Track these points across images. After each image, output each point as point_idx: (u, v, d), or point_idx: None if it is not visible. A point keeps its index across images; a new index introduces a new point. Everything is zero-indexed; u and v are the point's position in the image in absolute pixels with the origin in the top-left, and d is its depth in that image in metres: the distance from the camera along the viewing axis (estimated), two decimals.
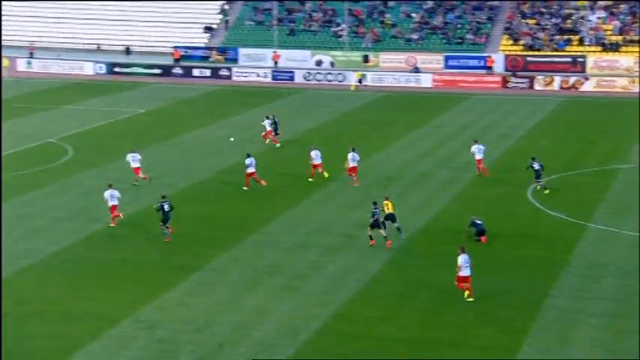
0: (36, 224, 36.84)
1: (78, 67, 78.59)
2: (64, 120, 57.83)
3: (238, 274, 31.60)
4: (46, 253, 33.52)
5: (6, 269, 31.72)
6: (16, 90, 69.66)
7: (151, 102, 65.10)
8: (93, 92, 69.03)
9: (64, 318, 28.00)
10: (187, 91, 70.37)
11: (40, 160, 47.09)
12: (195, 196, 41.13)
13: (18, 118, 58.10)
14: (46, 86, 71.96)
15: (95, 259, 33.09)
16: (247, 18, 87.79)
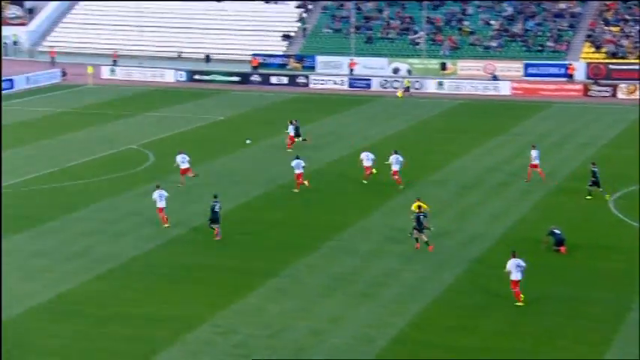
0: (116, 229, 37.53)
1: (159, 74, 79.92)
2: (145, 126, 58.82)
3: (314, 281, 31.70)
4: (127, 257, 34.12)
5: (87, 273, 32.39)
6: (99, 97, 71.15)
7: (229, 109, 65.81)
8: (173, 99, 70.08)
9: (143, 321, 28.45)
10: (265, 99, 70.94)
11: (121, 166, 47.92)
12: (272, 202, 41.41)
13: (100, 125, 59.32)
14: (129, 93, 73.29)
15: (174, 263, 33.56)
16: (325, 26, 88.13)
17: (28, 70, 78.61)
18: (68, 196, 42.12)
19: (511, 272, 29.09)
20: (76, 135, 55.92)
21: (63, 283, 31.35)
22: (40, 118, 62.02)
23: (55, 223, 38.12)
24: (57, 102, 68.47)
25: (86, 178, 45.39)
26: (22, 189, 43.37)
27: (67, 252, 34.55)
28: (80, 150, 51.63)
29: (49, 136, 55.46)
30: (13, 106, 66.68)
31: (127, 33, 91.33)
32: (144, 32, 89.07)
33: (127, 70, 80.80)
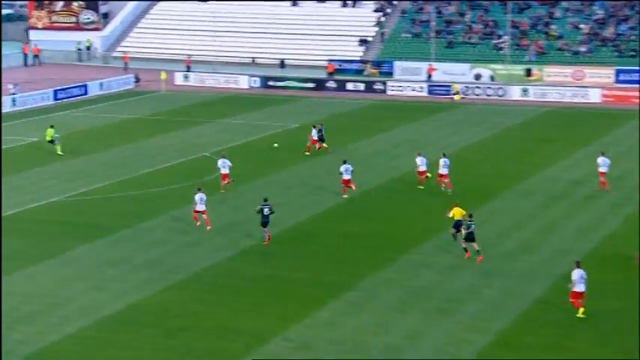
0: (188, 238, 37.86)
1: (233, 80, 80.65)
2: (218, 133, 59.36)
3: (390, 295, 31.51)
4: (199, 267, 34.40)
5: (158, 283, 32.74)
6: (172, 103, 72.13)
7: (304, 116, 66.03)
8: (247, 106, 70.63)
9: (214, 334, 28.57)
10: (341, 106, 70.99)
11: (194, 174, 48.40)
12: (347, 212, 41.33)
13: (173, 132, 60.08)
14: (202, 100, 74.13)
15: (246, 274, 33.72)
16: (404, 30, 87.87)
17: (102, 76, 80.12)
18: (139, 204, 42.69)
19: (575, 283, 28.66)
20: (149, 142, 56.74)
21: (133, 293, 31.73)
22: (112, 125, 63.12)
23: (126, 232, 38.66)
24: (130, 108, 69.63)
25: (158, 186, 45.97)
26: (93, 197, 44.13)
27: (138, 262, 34.99)
28: (152, 157, 52.35)
29: (121, 143, 56.36)
30: (86, 113, 68.03)
31: (200, 38, 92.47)
32: (218, 37, 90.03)
33: (201, 76, 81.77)
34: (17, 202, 43.02)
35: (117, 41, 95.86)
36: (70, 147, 55.17)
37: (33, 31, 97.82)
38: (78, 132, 60.24)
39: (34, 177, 48.03)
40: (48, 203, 42.98)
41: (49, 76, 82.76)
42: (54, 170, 49.23)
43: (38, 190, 45.25)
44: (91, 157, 52.93)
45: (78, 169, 49.93)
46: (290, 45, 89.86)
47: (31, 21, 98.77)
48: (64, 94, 72.91)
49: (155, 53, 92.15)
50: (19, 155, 53.34)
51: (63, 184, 46.40)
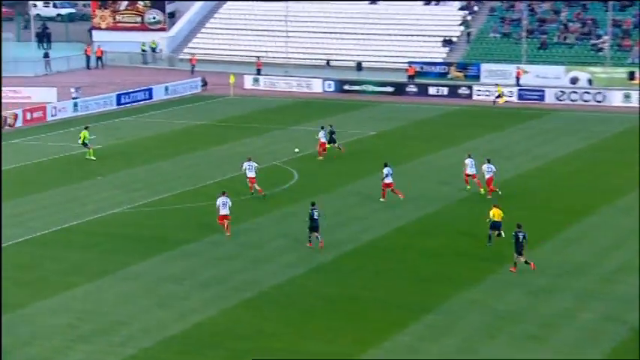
0: (257, 254, 38.03)
1: (306, 84, 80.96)
2: (289, 141, 59.56)
3: (476, 318, 31.18)
4: (268, 285, 34.49)
5: (224, 301, 32.89)
6: (241, 109, 72.66)
7: (382, 123, 65.93)
8: (321, 111, 70.76)
9: (284, 357, 28.58)
10: (422, 112, 70.70)
11: (263, 185, 48.66)
12: (429, 227, 41.10)
13: (242, 139, 60.50)
14: (272, 105, 74.53)
15: (319, 293, 33.70)
16: (492, 29, 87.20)
17: (167, 80, 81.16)
18: (205, 216, 43.01)
19: None
20: (215, 150, 57.21)
21: (198, 312, 31.93)
22: (177, 132, 63.82)
23: (191, 246, 39.00)
24: (196, 114, 70.36)
25: (232, 197, 46.18)
26: (157, 208, 44.64)
27: (203, 278, 35.22)
28: (219, 166, 52.77)
29: (186, 150, 56.94)
30: (150, 118, 68.96)
31: (272, 39, 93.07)
32: (290, 38, 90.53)
33: (271, 80, 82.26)
34: (78, 213, 43.75)
35: (183, 42, 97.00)
36: (133, 155, 55.96)
37: (96, 32, 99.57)
38: (142, 139, 61.07)
39: (95, 187, 48.81)
40: (110, 215, 43.61)
41: (112, 80, 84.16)
42: (116, 179, 49.96)
43: (99, 200, 45.96)
44: (154, 165, 53.57)
45: (141, 178, 50.58)
46: (367, 46, 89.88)
47: (94, 21, 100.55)
48: (128, 99, 74.06)
49: (223, 55, 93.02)
50: (80, 163, 54.27)
51: (125, 194, 47.03)
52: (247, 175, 45.82)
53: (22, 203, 45.43)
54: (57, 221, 42.26)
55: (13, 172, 52.00)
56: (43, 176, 51.08)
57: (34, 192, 47.43)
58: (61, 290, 33.89)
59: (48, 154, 56.04)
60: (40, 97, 72.14)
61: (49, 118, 67.47)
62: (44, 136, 61.60)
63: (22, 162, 54.17)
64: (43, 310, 32.20)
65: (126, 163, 53.84)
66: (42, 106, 68.00)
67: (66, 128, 64.10)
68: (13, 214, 43.46)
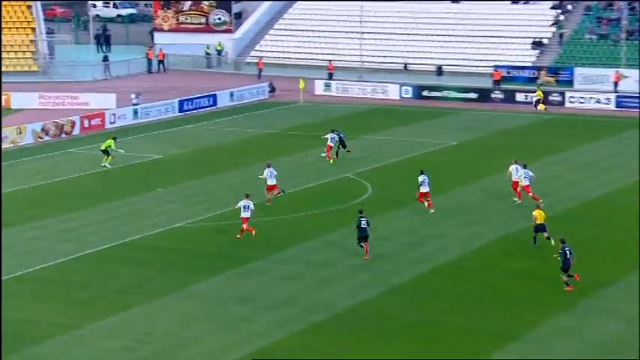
0: (328, 273, 38.11)
1: (381, 90, 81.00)
2: (363, 151, 59.59)
3: (566, 348, 30.85)
4: (339, 307, 34.50)
5: (292, 324, 33.00)
6: (311, 116, 72.90)
7: (464, 132, 65.64)
8: (398, 119, 70.71)
9: None
10: (508, 120, 70.22)
11: (334, 198, 48.73)
12: (510, 247, 40.79)
13: (312, 149, 60.62)
14: (345, 112, 74.64)
15: (394, 316, 33.65)
16: (587, 30, 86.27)
17: (233, 85, 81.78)
18: (273, 232, 43.25)
19: None
20: (283, 161, 57.49)
21: (265, 335, 32.10)
22: (243, 141, 64.25)
23: (257, 264, 39.23)
24: (263, 122, 70.80)
25: (294, 211, 46.48)
26: (220, 223, 44.99)
27: (270, 299, 35.40)
28: (287, 179, 53.00)
29: (252, 161, 57.24)
30: (214, 126, 69.54)
31: (344, 41, 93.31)
32: (364, 40, 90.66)
33: (344, 85, 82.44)
34: (137, 227, 44.31)
35: (250, 45, 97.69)
36: (196, 165, 56.52)
37: (158, 34, 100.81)
38: (205, 148, 61.63)
39: (155, 199, 49.40)
40: (170, 229, 44.08)
41: (174, 85, 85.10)
42: (177, 192, 50.48)
43: (160, 214, 46.49)
44: (218, 177, 54.01)
45: (204, 190, 51.03)
46: (449, 48, 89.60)
47: (156, 22, 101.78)
48: (191, 105, 74.84)
49: (292, 58, 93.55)
50: (140, 174, 54.98)
51: (187, 207, 47.49)
52: (267, 183, 46.97)
53: (79, 216, 46.15)
54: (115, 236, 42.85)
55: (69, 183, 52.89)
56: (100, 187, 51.83)
57: (91, 204, 48.15)
58: (118, 310, 34.32)
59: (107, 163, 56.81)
60: (99, 104, 73.30)
61: (107, 125, 68.52)
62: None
63: (79, 172, 55.04)
64: (99, 331, 32.64)
65: (188, 174, 54.37)
66: (100, 113, 69.12)
67: (125, 136, 64.92)
68: (69, 228, 44.19)
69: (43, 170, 55.73)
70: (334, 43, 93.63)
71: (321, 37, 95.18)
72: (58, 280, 37.40)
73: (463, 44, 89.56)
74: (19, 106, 73.95)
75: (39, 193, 50.76)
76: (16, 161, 58.11)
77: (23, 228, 44.11)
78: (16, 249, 41.11)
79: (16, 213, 46.44)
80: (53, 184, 52.51)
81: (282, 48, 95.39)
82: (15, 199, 49.18)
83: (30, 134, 63.47)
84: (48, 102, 74.59)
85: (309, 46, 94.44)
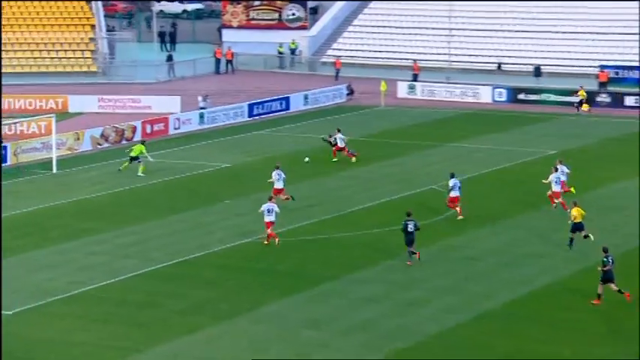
0: (411, 295, 37.99)
1: (472, 93, 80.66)
2: (450, 161, 59.35)
3: None
4: (424, 333, 34.39)
5: (370, 352, 32.89)
6: (393, 121, 72.80)
7: (565, 140, 65.03)
8: (490, 125, 70.28)
9: None
10: (615, 127, 69.44)
11: (419, 212, 48.54)
12: (624, 269, 40.07)
13: (394, 158, 60.54)
14: (431, 117, 74.41)
15: (484, 346, 33.39)
16: None
17: (307, 87, 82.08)
18: (349, 250, 43.24)
19: None
20: (362, 170, 57.46)
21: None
22: (318, 149, 64.29)
23: (332, 284, 39.26)
24: (341, 128, 70.79)
25: (373, 227, 46.47)
26: (292, 239, 45.11)
27: (346, 323, 35.37)
28: (366, 190, 52.98)
29: (329, 171, 57.41)
30: (287, 132, 69.83)
31: (431, 38, 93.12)
32: (453, 37, 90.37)
33: (430, 87, 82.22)
34: (203, 242, 44.60)
35: (327, 43, 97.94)
36: (267, 175, 56.82)
37: (226, 31, 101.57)
38: (277, 156, 61.80)
39: (223, 212, 49.72)
40: (239, 245, 44.30)
41: (244, 87, 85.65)
42: (247, 203, 50.67)
43: (227, 228, 46.77)
44: (291, 187, 54.13)
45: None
46: (548, 47, 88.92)
47: (224, 18, 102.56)
48: (262, 109, 75.26)
49: (373, 58, 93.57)
50: (206, 184, 55.38)
51: (257, 221, 47.69)
52: (275, 186, 48.42)
53: (141, 230, 46.62)
54: (179, 252, 43.18)
55: (130, 193, 53.50)
56: (163, 199, 52.33)
57: (153, 217, 48.64)
58: (182, 333, 34.54)
59: (169, 173, 57.39)
60: (162, 107, 74.09)
61: (171, 130, 69.22)
62: (165, 152, 63.10)
63: (141, 182, 55.64)
64: (161, 355, 32.86)
65: (258, 184, 54.58)
66: (164, 118, 69.86)
67: (191, 143, 65.55)
68: (130, 243, 44.66)
69: (102, 180, 56.46)
70: (419, 41, 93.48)
71: (404, 34, 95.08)
72: (117, 299, 37.79)
73: (564, 42, 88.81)
74: (77, 110, 75.10)
75: (97, 204, 51.42)
76: (74, 170, 58.99)
77: (80, 242, 44.68)
78: (72, 265, 41.68)
79: (73, 226, 47.11)
80: (113, 195, 53.17)
81: (362, 46, 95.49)
82: (72, 211, 49.92)
83: (88, 140, 64.42)
84: (107, 105, 75.67)
85: (392, 45, 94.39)
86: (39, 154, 60.71)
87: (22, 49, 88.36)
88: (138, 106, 75.33)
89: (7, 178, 55.63)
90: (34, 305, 36.91)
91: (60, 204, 51.05)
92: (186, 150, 63.40)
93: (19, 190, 54.14)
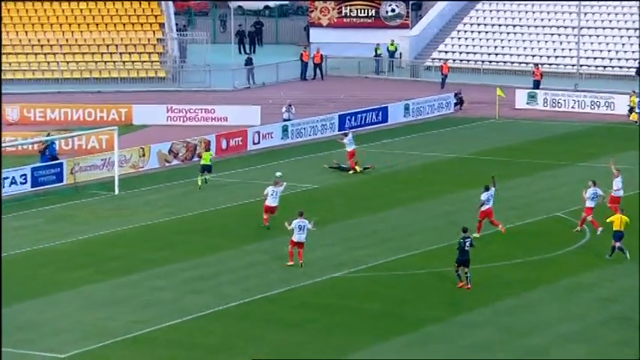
0: (531, 342, 37.60)
1: (606, 102, 79.92)
2: (580, 184, 58.40)
3: None
4: None
5: None
6: (511, 136, 72.17)
7: None
8: (628, 142, 69.20)
9: None
10: None
11: (542, 244, 48.24)
12: None
13: (510, 180, 59.90)
14: (556, 131, 73.77)
15: None
16: None
17: (409, 95, 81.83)
18: (448, 285, 42.94)
19: None
20: (471, 194, 56.86)
21: None
22: (419, 167, 63.96)
23: (437, 327, 39.03)
24: (447, 143, 70.52)
25: (486, 260, 45.98)
26: (392, 273, 44.92)
27: None
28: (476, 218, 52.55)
29: (431, 194, 57.13)
30: (385, 148, 69.66)
31: (556, 38, 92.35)
32: (583, 37, 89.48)
33: (555, 96, 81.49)
34: (284, 277, 44.54)
35: (432, 44, 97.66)
36: (357, 198, 56.62)
37: (315, 30, 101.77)
38: (372, 177, 61.70)
39: (310, 241, 49.51)
40: (327, 280, 44.19)
41: (334, 95, 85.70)
42: (335, 231, 50.69)
43: (313, 260, 46.48)
44: (387, 213, 53.92)
45: (369, 230, 51.10)
46: None
47: (312, 15, 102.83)
48: (354, 121, 75.04)
49: (487, 62, 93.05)
50: (290, 209, 55.11)
51: (347, 252, 47.62)
52: (266, 202, 50.48)
53: (213, 262, 46.67)
54: (257, 287, 43.19)
55: (201, 218, 53.67)
56: (239, 225, 52.42)
57: (228, 246, 48.75)
58: None
59: (247, 195, 57.45)
60: (240, 119, 74.39)
61: (250, 146, 69.38)
62: (242, 171, 63.28)
63: (214, 205, 55.81)
64: None
65: (349, 209, 54.46)
66: (242, 131, 70.00)
67: (272, 160, 65.63)
68: (201, 276, 44.76)
69: (171, 202, 56.74)
70: (542, 42, 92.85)
71: (524, 33, 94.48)
72: (186, 342, 37.86)
73: None
74: (143, 122, 75.63)
75: (164, 230, 51.66)
76: (138, 191, 59.34)
77: (144, 275, 44.89)
78: (135, 301, 41.86)
79: (135, 256, 47.37)
80: (182, 220, 53.38)
81: (474, 48, 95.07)
82: (134, 239, 50.21)
83: (155, 157, 64.78)
84: (177, 116, 76.16)
85: (509, 46, 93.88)
86: (99, 172, 61.28)
87: (82, 51, 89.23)
88: (212, 117, 75.80)
89: (63, 200, 56.34)
90: (90, 348, 37.05)
91: (121, 230, 51.41)
92: (267, 168, 63.44)
93: (76, 214, 54.62)
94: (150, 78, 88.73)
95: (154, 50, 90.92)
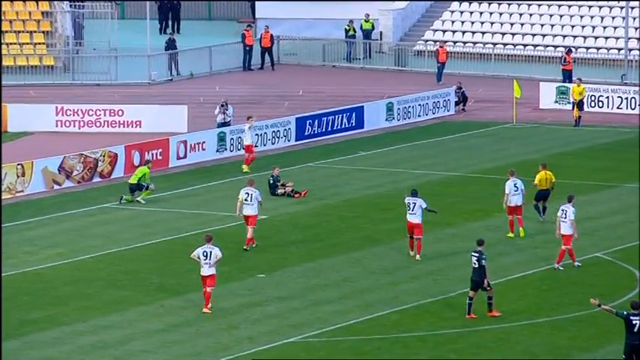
0: None
1: None
2: (626, 214, 59.28)
3: None
4: None
5: None
6: (533, 148, 72.78)
7: None
8: None
9: None
10: None
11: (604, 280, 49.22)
12: None
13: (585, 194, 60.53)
14: (598, 140, 75.15)
15: None
16: None
17: (392, 91, 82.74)
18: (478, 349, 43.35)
19: None
20: (476, 226, 57.06)
21: None
22: (398, 191, 63.76)
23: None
24: (443, 157, 71.08)
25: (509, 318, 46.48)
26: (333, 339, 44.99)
27: None
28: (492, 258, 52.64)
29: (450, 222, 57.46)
30: (360, 164, 70.21)
31: (593, 12, 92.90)
32: (633, 10, 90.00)
33: (594, 92, 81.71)
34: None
35: (423, 20, 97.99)
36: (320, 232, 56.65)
37: (262, 2, 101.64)
38: (338, 201, 61.72)
39: None
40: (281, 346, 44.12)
41: (289, 91, 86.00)
42: (287, 279, 50.92)
43: None
44: (361, 253, 54.02)
45: (335, 278, 51.35)
46: None
47: None
48: (318, 127, 75.05)
49: (499, 44, 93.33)
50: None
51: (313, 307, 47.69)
52: (244, 212, 53.63)
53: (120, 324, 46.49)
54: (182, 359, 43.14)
55: (98, 263, 53.42)
56: (154, 272, 52.29)
57: (158, 297, 48.61)
58: None
59: (166, 229, 57.67)
60: (159, 124, 74.65)
61: (172, 162, 69.32)
62: (163, 197, 63.30)
63: (118, 245, 55.71)
64: None
65: (306, 247, 54.46)
66: (162, 141, 69.83)
67: (203, 181, 65.57)
68: (103, 344, 44.52)
69: (61, 241, 56.47)
70: (576, 16, 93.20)
71: (550, 5, 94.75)
72: None
73: None
74: (22, 128, 75.35)
75: (52, 280, 51.38)
76: (15, 224, 58.86)
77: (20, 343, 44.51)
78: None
79: (10, 315, 46.92)
80: (76, 266, 53.09)
81: (481, 26, 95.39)
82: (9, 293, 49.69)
83: (40, 177, 64.35)
84: (71, 120, 75.87)
85: (529, 23, 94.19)
86: None
87: None
88: (120, 121, 75.69)
89: None
90: None
91: None
92: (196, 192, 63.45)
93: None
94: (32, 67, 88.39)
95: (38, 29, 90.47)
